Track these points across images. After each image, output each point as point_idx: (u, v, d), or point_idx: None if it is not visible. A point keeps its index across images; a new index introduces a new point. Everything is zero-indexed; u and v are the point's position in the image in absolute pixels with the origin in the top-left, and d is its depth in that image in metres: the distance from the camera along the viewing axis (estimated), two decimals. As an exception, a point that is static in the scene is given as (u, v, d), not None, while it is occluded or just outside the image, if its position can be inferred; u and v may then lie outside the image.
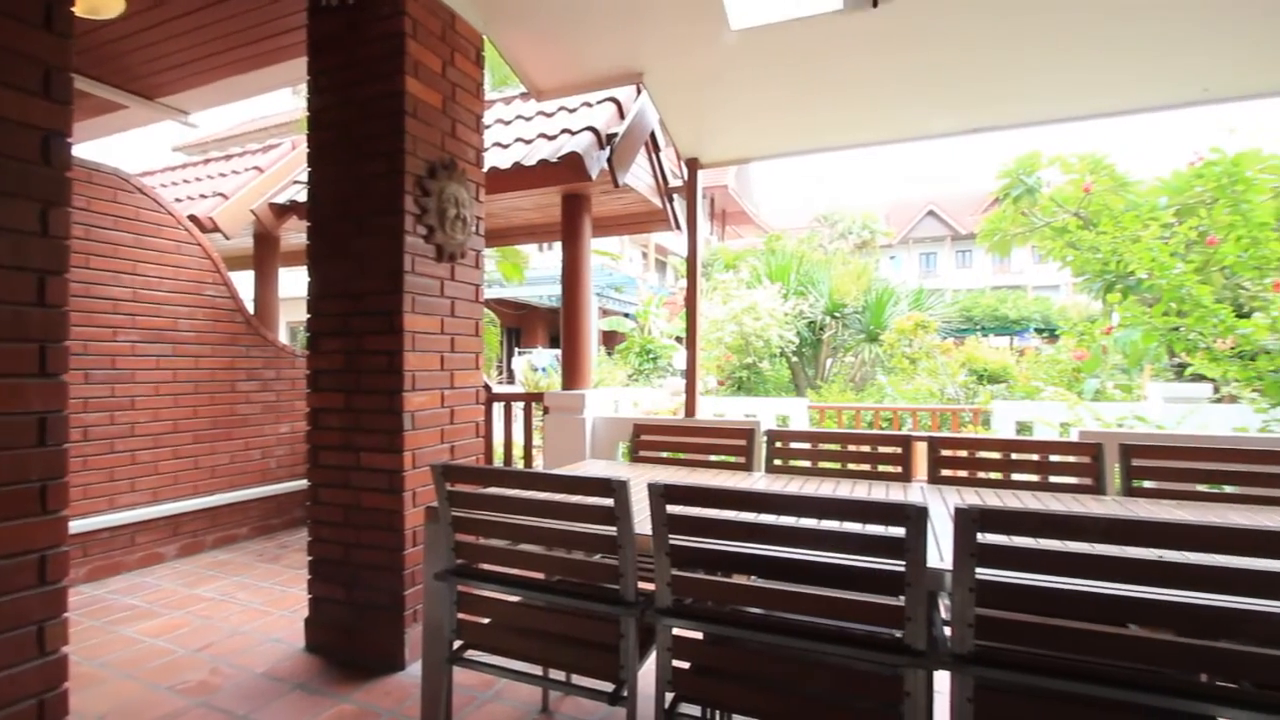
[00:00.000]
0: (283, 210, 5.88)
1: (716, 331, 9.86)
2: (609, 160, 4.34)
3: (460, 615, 1.91)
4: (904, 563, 1.36)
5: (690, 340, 4.41)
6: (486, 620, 1.93)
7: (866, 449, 3.06)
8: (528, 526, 1.82)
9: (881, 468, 2.84)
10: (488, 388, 4.62)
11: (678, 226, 5.83)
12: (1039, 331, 17.91)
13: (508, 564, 1.91)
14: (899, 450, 2.74)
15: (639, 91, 4.67)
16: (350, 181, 2.85)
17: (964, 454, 2.89)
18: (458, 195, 2.98)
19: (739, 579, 1.85)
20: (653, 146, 5.32)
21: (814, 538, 1.48)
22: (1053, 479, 2.63)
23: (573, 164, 4.14)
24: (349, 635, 2.84)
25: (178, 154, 17.07)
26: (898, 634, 1.42)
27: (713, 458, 3.09)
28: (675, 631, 1.62)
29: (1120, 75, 3.33)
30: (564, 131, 4.50)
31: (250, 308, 5.47)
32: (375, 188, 2.80)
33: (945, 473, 2.71)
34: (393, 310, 2.76)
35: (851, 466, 3.11)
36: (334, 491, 2.88)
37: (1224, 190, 5.07)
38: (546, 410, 4.56)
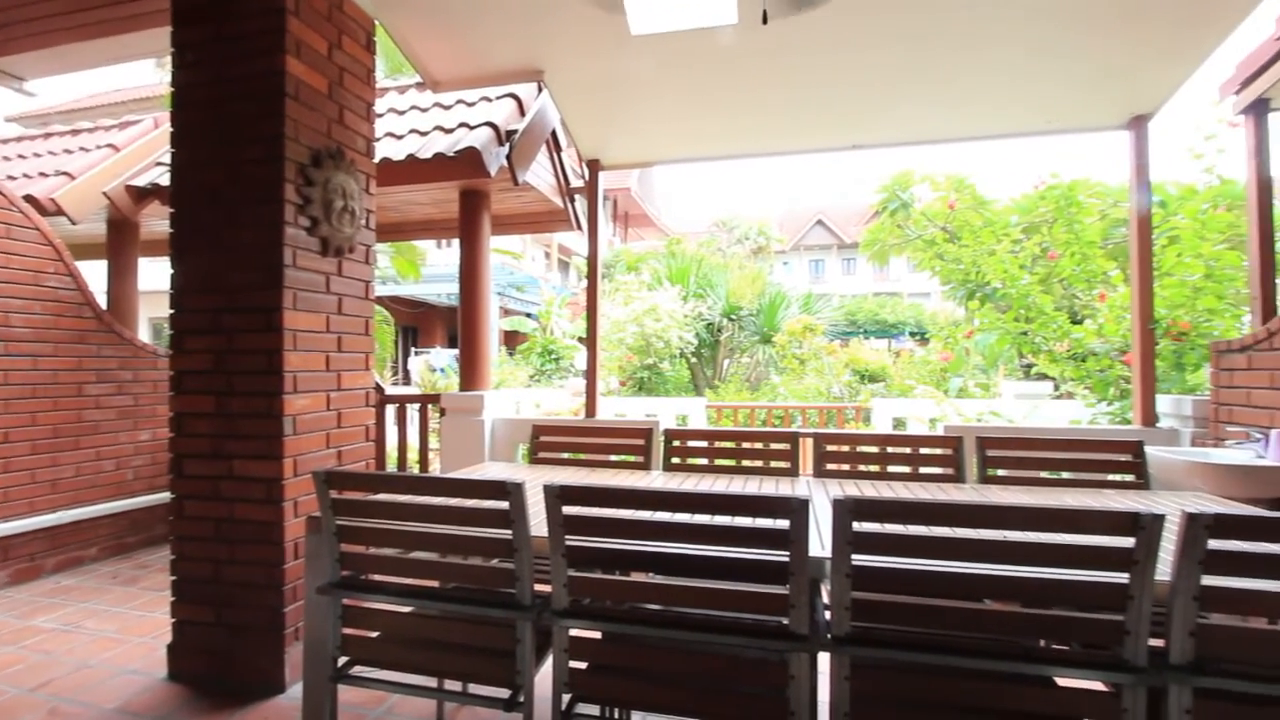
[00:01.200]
0: (143, 194, 5.30)
1: (618, 332, 9.94)
2: (508, 157, 4.27)
3: (346, 630, 1.81)
4: (788, 553, 1.44)
5: (591, 341, 4.42)
6: (375, 634, 1.84)
7: (760, 446, 3.20)
8: (420, 533, 1.76)
9: (773, 464, 2.99)
10: (380, 389, 4.40)
11: (579, 227, 5.83)
12: (913, 335, 19.47)
13: (399, 573, 1.84)
14: (788, 447, 2.89)
15: (540, 89, 4.62)
16: (222, 166, 2.63)
17: (846, 449, 3.09)
18: (345, 186, 2.83)
19: (637, 576, 1.89)
20: (554, 146, 5.29)
21: (705, 533, 1.53)
22: (923, 470, 2.87)
23: (471, 160, 4.04)
24: (220, 660, 2.61)
25: (12, 125, 14.94)
26: (784, 621, 1.50)
27: (613, 458, 3.12)
28: (573, 632, 1.62)
29: (979, 105, 3.72)
30: (462, 125, 4.38)
31: (104, 301, 4.90)
32: (251, 174, 2.59)
33: (830, 466, 2.88)
34: (271, 307, 2.57)
35: (746, 463, 3.24)
36: (202, 504, 2.64)
37: (1061, 212, 5.80)
38: (443, 412, 4.41)
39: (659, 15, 3.00)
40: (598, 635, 1.71)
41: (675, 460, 3.01)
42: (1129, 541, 1.33)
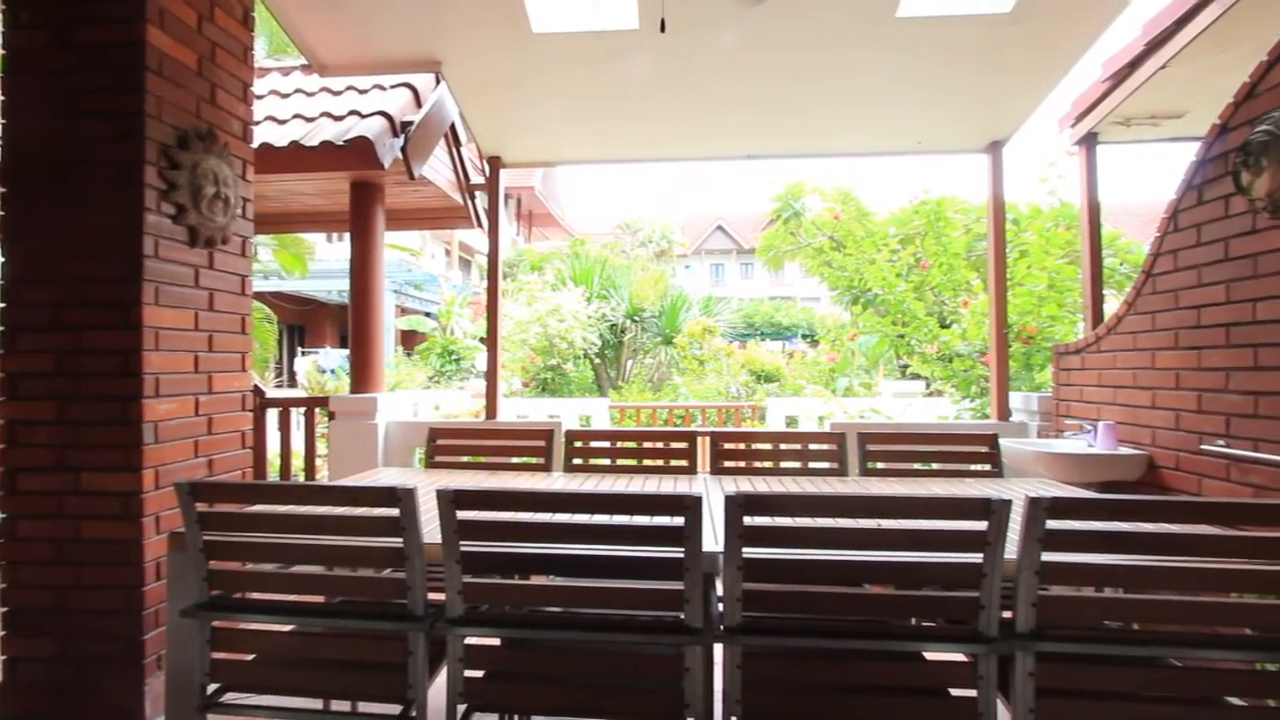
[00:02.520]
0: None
1: (521, 333, 9.78)
2: (404, 150, 4.10)
3: (216, 655, 1.67)
4: (683, 549, 1.49)
5: (491, 341, 4.33)
6: (251, 656, 1.71)
7: (660, 445, 3.26)
8: (303, 545, 1.65)
9: (673, 462, 3.06)
10: (260, 392, 4.08)
11: (480, 224, 5.69)
12: (805, 337, 20.54)
13: (279, 590, 1.72)
14: (687, 446, 2.97)
15: (438, 81, 4.47)
16: (68, 143, 2.34)
17: (742, 446, 3.23)
18: (218, 171, 2.60)
19: (538, 579, 1.88)
20: (453, 140, 5.13)
21: (604, 532, 1.55)
22: (811, 464, 3.04)
23: (362, 150, 3.84)
24: (65, 698, 2.32)
25: None
26: (680, 615, 1.54)
27: (514, 460, 3.07)
28: (470, 641, 1.58)
29: (858, 126, 4.01)
30: (352, 113, 4.15)
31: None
32: (104, 154, 2.33)
33: (727, 464, 3.00)
34: (129, 301, 2.32)
35: (647, 462, 3.29)
36: (41, 523, 2.34)
37: (931, 225, 6.37)
38: (332, 416, 4.16)
39: (560, 15, 3.00)
40: (496, 642, 1.68)
41: (577, 461, 3.01)
42: (982, 525, 1.48)
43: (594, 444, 3.16)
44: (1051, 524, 1.49)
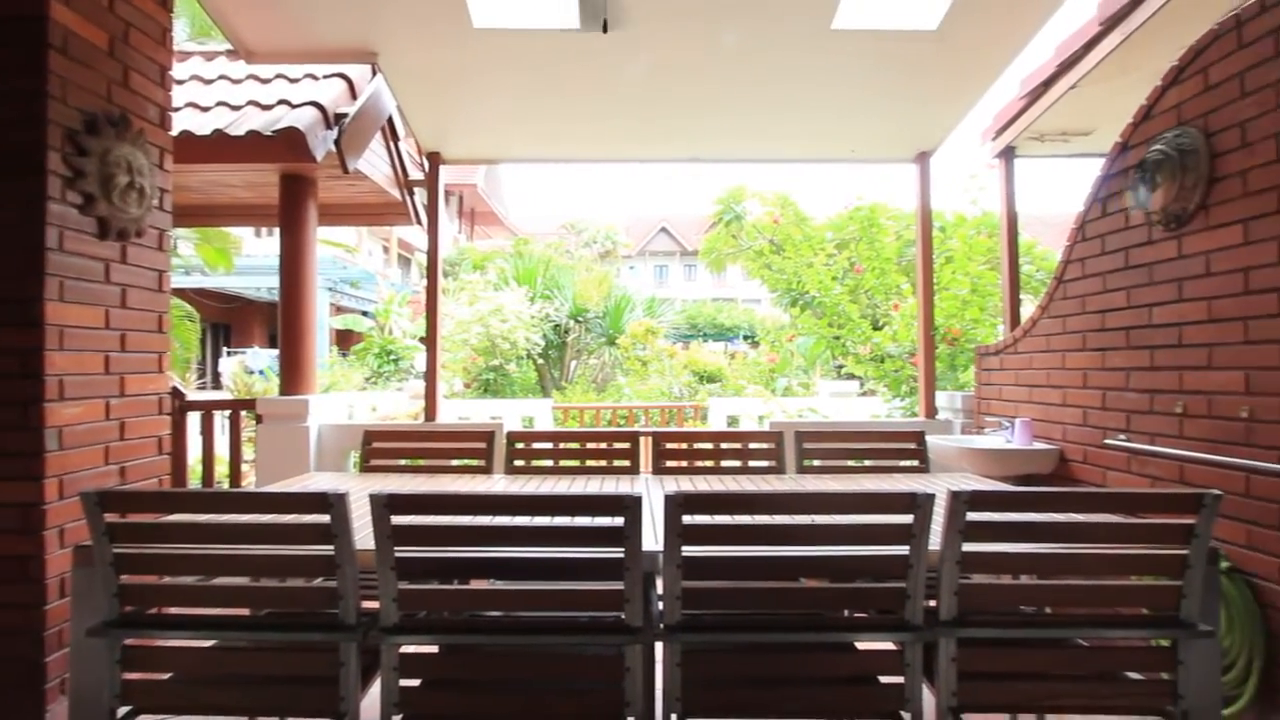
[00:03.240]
0: None
1: (463, 333, 9.58)
2: (338, 142, 3.95)
3: (128, 675, 1.57)
4: (623, 549, 1.49)
5: (431, 341, 4.23)
6: (167, 675, 1.61)
7: (604, 446, 3.26)
8: (226, 556, 1.57)
9: (616, 463, 3.06)
10: (180, 394, 3.86)
11: (419, 221, 5.55)
12: (747, 338, 20.95)
13: (200, 604, 1.63)
14: (629, 446, 2.98)
15: (375, 73, 4.34)
16: (-45, 125, 2.15)
17: (684, 446, 3.26)
18: (132, 159, 2.44)
19: (478, 584, 1.85)
20: (391, 134, 4.99)
21: (543, 534, 1.54)
22: (751, 463, 3.11)
23: (292, 141, 3.68)
24: (-51, 728, 2.13)
25: None
26: (621, 615, 1.55)
27: (454, 462, 3.02)
28: (407, 649, 1.55)
29: (797, 133, 4.12)
30: (282, 103, 3.97)
31: None
32: (2, 138, 2.15)
33: (670, 464, 3.02)
34: (28, 297, 2.15)
35: (590, 463, 3.29)
36: (-77, 539, 2.14)
37: (865, 231, 6.63)
38: (260, 419, 3.97)
39: (502, 11, 2.96)
40: (434, 649, 1.65)
41: (519, 463, 2.98)
42: (908, 518, 1.55)
43: (536, 445, 3.14)
44: (971, 516, 1.57)
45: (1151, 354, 2.59)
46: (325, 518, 1.47)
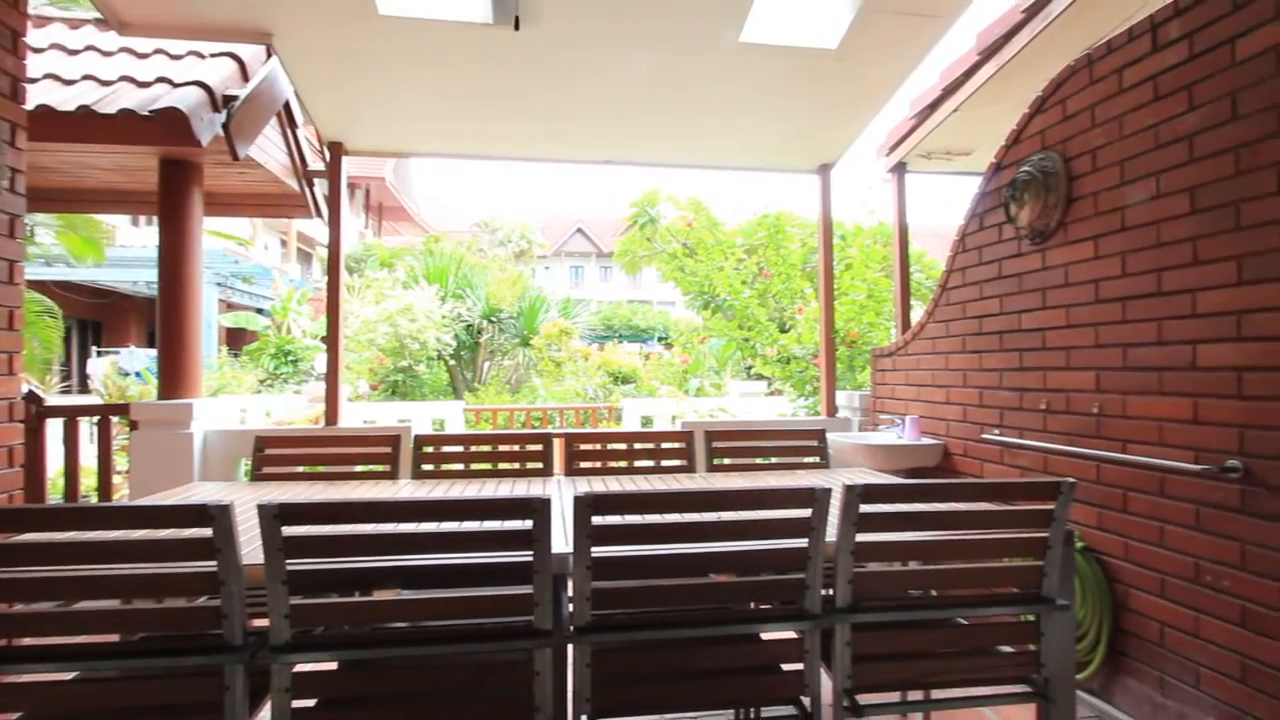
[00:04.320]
0: None
1: (369, 332, 9.15)
2: (226, 127, 3.67)
3: (-32, 715, 1.40)
4: (532, 552, 1.48)
5: (332, 340, 4.02)
6: (16, 716, 1.45)
7: (516, 448, 3.22)
8: (90, 578, 1.43)
9: (529, 465, 3.03)
10: (37, 399, 3.46)
11: (320, 214, 5.26)
12: (661, 340, 21.25)
13: (58, 632, 1.47)
14: (542, 448, 2.96)
15: (270, 54, 4.07)
16: None
17: (597, 447, 3.27)
18: (-26, 138, 2.17)
19: (384, 595, 1.77)
20: (288, 121, 4.69)
21: (449, 540, 1.51)
22: (664, 463, 3.16)
23: (173, 123, 3.39)
24: None
25: None
26: (531, 619, 1.54)
27: (357, 468, 2.88)
28: (303, 667, 1.46)
29: (708, 141, 4.23)
30: (162, 80, 3.65)
31: None
32: None
33: (584, 465, 3.02)
34: None
35: (503, 466, 3.23)
36: None
37: (773, 238, 6.91)
38: (135, 426, 3.63)
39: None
40: (333, 666, 1.57)
41: (428, 467, 2.88)
42: (807, 512, 1.63)
43: (446, 449, 3.05)
44: (864, 508, 1.68)
45: (1020, 356, 2.86)
46: (207, 531, 1.37)
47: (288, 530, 1.38)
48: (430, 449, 2.92)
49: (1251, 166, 1.93)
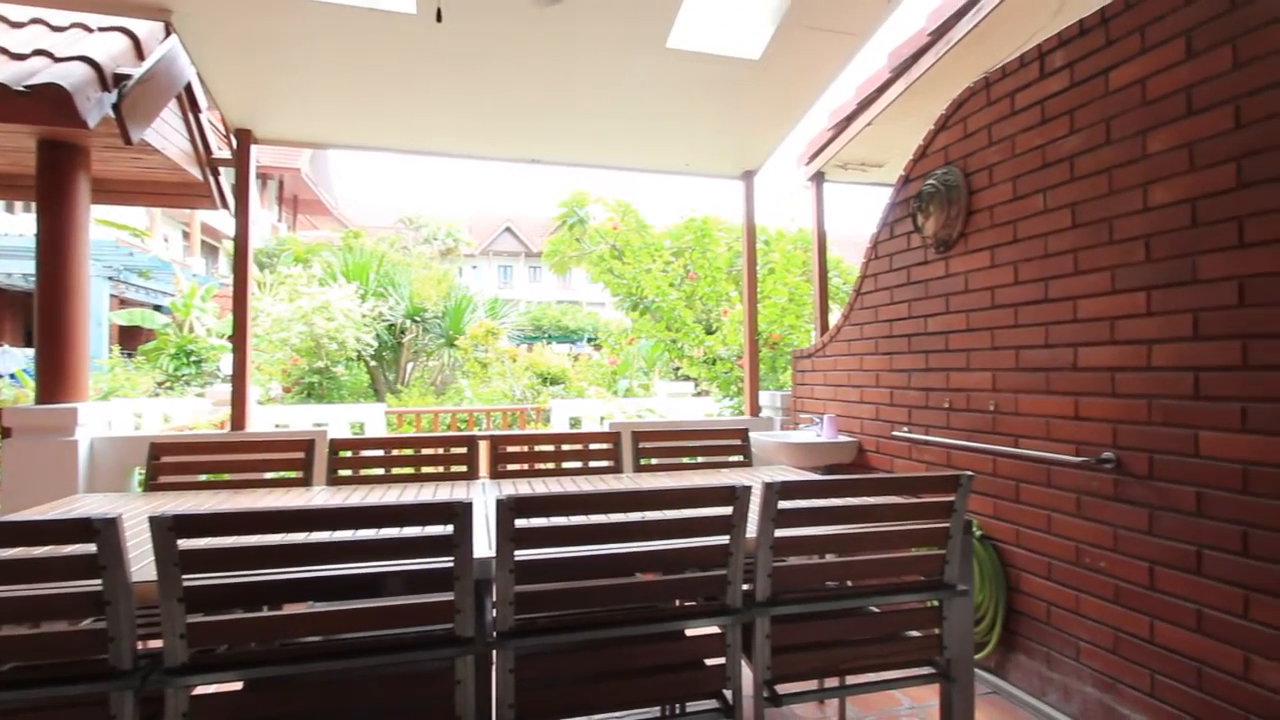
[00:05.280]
0: None
1: (282, 331, 8.65)
2: (117, 107, 3.39)
3: None
4: (453, 558, 1.45)
5: (239, 339, 3.78)
6: None
7: (440, 451, 3.14)
8: (-52, 603, 1.29)
9: (453, 468, 2.96)
10: (-120, 406, 3.08)
11: (225, 205, 4.95)
12: (590, 341, 21.22)
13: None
14: (466, 450, 2.90)
15: (169, 31, 3.78)
16: None
17: (524, 448, 3.24)
18: None
19: (296, 608, 1.68)
20: (190, 105, 4.38)
21: (364, 549, 1.45)
22: (592, 463, 3.16)
23: (54, 100, 3.10)
24: None
25: None
26: (452, 627, 1.50)
27: (268, 475, 2.73)
28: (208, 689, 1.37)
29: (637, 145, 4.26)
30: (41, 54, 3.33)
31: None
32: None
33: (511, 467, 2.98)
34: None
35: (426, 470, 3.14)
36: None
37: (699, 241, 7.06)
38: (8, 433, 3.29)
39: (324, -15, 2.74)
40: (238, 687, 1.48)
41: (346, 473, 2.77)
42: (729, 510, 1.67)
43: (365, 453, 2.94)
44: (783, 504, 1.74)
45: (927, 357, 3.04)
46: (90, 547, 1.26)
47: (184, 543, 1.30)
48: (348, 454, 2.80)
49: (1122, 186, 2.14)
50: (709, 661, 1.75)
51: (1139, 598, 2.07)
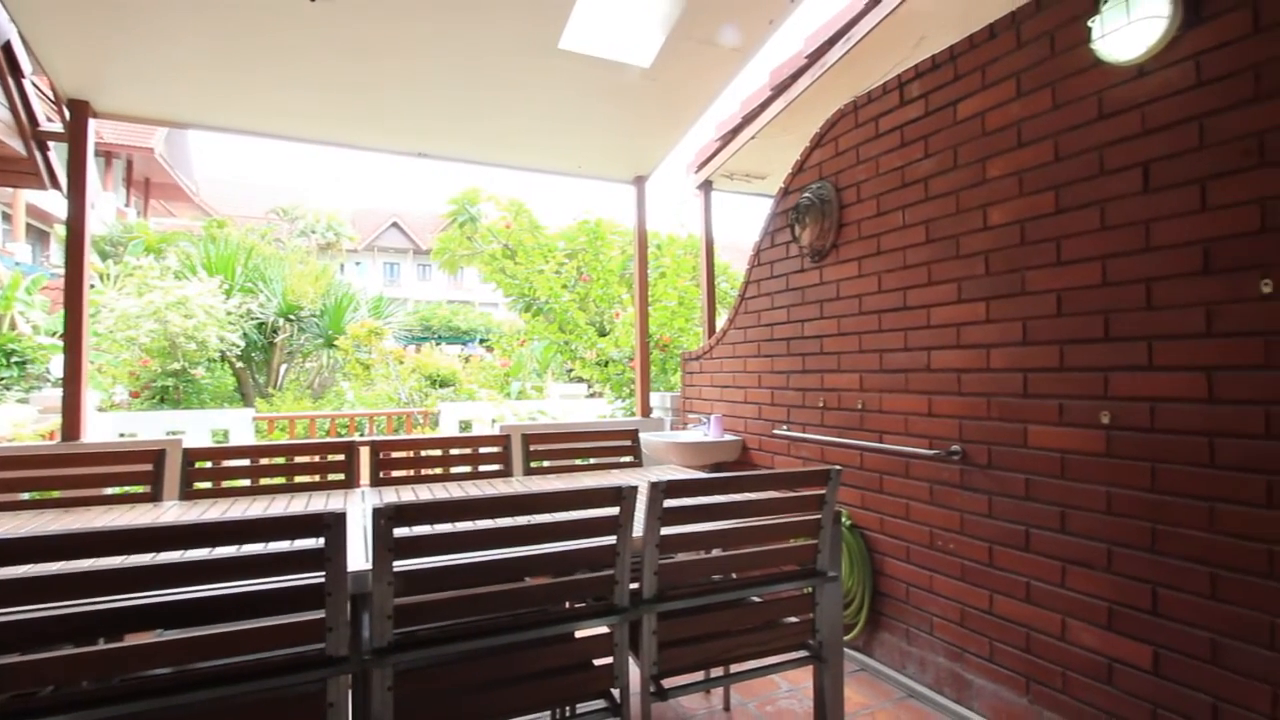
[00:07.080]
0: None
1: (128, 329, 7.74)
2: (-89, 69, 2.90)
3: None
4: (324, 573, 1.37)
5: (74, 338, 3.35)
6: None
7: (315, 459, 2.94)
8: None
9: (330, 476, 2.78)
10: None
11: (57, 185, 4.36)
12: (483, 342, 20.65)
13: None
14: (344, 457, 2.74)
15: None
16: None
17: (409, 454, 3.10)
18: None
19: (145, 638, 1.51)
20: (11, 70, 3.82)
21: (227, 567, 1.34)
22: (482, 467, 3.09)
23: None
24: None
25: None
26: (323, 647, 1.42)
27: (107, 491, 2.44)
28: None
29: (528, 144, 4.21)
30: None
31: None
32: None
33: (395, 474, 2.85)
34: None
35: (301, 479, 2.93)
36: None
37: (593, 243, 7.09)
38: None
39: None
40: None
41: (204, 485, 2.53)
42: (615, 510, 1.70)
43: (228, 463, 2.71)
44: (669, 503, 1.79)
45: (804, 359, 3.24)
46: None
47: (-5, 573, 1.14)
48: (206, 464, 2.57)
49: (967, 206, 2.39)
50: (598, 661, 1.77)
51: (981, 574, 2.32)
